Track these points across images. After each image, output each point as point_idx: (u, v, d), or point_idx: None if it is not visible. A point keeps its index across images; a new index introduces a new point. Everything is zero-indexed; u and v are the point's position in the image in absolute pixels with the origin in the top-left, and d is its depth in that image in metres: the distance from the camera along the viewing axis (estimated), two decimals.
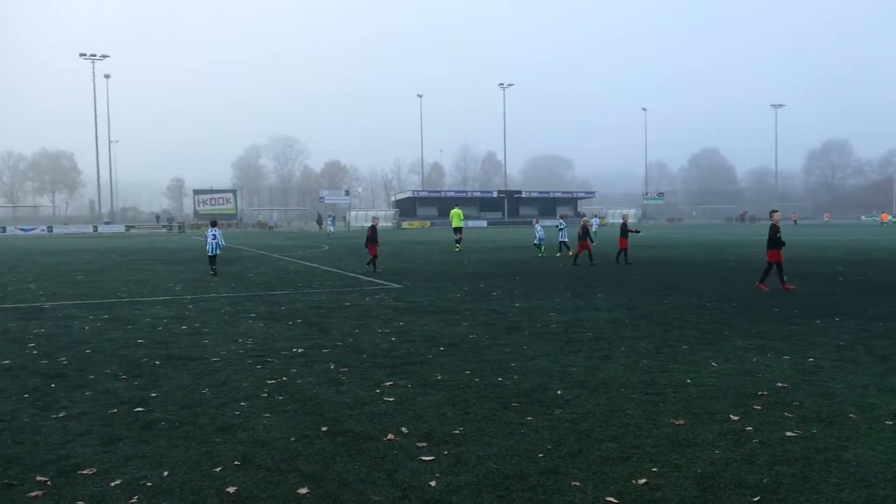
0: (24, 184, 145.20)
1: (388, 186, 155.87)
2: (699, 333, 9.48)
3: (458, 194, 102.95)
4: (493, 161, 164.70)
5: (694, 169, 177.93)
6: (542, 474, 4.43)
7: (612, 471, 4.48)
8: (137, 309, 12.47)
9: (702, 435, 5.17)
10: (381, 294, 14.46)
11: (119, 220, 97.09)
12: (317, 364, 7.77)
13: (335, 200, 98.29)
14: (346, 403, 6.14)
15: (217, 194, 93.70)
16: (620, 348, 8.51)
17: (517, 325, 10.28)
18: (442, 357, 8.09)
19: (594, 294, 14.06)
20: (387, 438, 5.15)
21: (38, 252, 33.95)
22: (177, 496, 4.14)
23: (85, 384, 6.91)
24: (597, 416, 5.69)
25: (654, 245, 34.12)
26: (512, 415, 5.74)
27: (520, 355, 8.15)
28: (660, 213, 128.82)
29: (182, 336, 9.64)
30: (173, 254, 30.71)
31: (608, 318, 10.87)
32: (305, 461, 4.71)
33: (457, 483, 4.30)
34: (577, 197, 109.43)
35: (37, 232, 77.43)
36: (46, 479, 4.41)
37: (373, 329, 10.08)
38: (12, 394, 6.56)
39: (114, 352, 8.57)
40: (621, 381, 6.87)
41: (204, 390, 6.64)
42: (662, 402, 6.09)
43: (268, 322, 10.81)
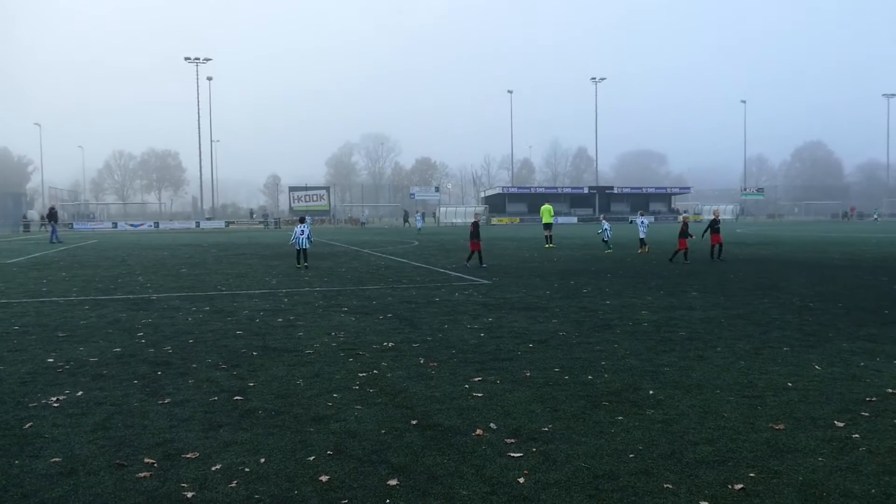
0: (133, 182, 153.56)
1: (477, 183, 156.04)
2: (801, 335, 9.07)
3: (548, 190, 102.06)
4: (583, 157, 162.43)
5: (797, 163, 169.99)
6: (633, 475, 4.35)
7: (707, 474, 4.34)
8: (236, 301, 12.98)
9: (803, 441, 4.94)
10: (471, 290, 14.51)
11: (219, 217, 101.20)
12: (407, 358, 7.88)
13: (425, 197, 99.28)
14: (435, 398, 6.20)
15: (311, 191, 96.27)
16: (716, 348, 8.24)
17: (608, 323, 10.11)
18: (531, 354, 8.04)
19: (688, 292, 13.66)
20: (475, 434, 5.17)
21: (145, 246, 35.82)
22: (273, 482, 4.29)
23: (188, 372, 7.25)
24: (691, 417, 5.53)
25: (753, 243, 32.83)
26: (602, 414, 5.65)
27: (610, 353, 8.02)
28: (759, 209, 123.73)
29: (278, 328, 9.97)
30: (269, 248, 31.77)
31: (703, 318, 10.54)
32: (395, 453, 4.78)
33: (545, 481, 4.27)
34: (671, 193, 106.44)
35: (144, 227, 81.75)
36: (153, 461, 4.66)
37: (462, 324, 10.13)
38: (123, 380, 6.96)
39: (214, 342, 8.95)
40: (717, 382, 6.65)
41: (298, 381, 6.84)
42: (761, 405, 5.86)
43: (359, 316, 11.04)
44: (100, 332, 9.68)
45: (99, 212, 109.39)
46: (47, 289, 15.42)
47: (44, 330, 9.93)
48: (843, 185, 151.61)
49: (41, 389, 6.58)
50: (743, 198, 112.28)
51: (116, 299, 13.49)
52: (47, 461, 4.66)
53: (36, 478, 4.38)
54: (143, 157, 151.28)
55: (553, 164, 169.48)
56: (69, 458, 4.73)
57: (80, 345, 8.80)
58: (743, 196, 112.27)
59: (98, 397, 6.29)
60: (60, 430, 5.34)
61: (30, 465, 4.60)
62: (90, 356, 8.09)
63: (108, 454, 4.79)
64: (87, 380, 6.95)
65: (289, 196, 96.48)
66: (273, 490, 4.17)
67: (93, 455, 4.77)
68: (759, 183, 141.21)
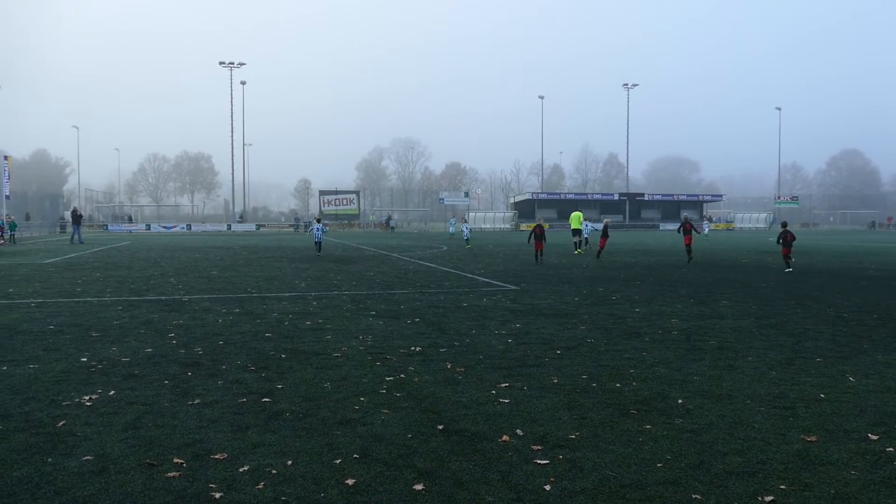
0: (167, 184, 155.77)
1: (506, 188, 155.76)
2: (835, 346, 8.90)
3: (578, 196, 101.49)
4: (614, 163, 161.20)
5: (833, 171, 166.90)
6: (661, 485, 4.30)
7: (737, 485, 4.28)
8: (266, 304, 13.09)
9: (836, 454, 4.84)
10: (499, 295, 14.48)
11: (250, 219, 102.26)
12: (434, 363, 7.88)
13: (455, 202, 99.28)
14: (461, 403, 6.19)
15: (341, 195, 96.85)
16: (747, 358, 8.12)
17: (636, 331, 10.02)
18: (559, 360, 8.00)
19: (719, 301, 13.49)
20: (502, 440, 5.15)
21: (177, 248, 36.31)
22: (299, 485, 4.31)
23: (217, 374, 7.33)
24: (720, 427, 5.45)
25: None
26: (630, 422, 5.60)
27: (639, 361, 7.94)
28: (794, 218, 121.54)
29: (306, 331, 10.03)
30: (299, 252, 32.02)
31: (734, 327, 10.39)
32: (421, 458, 4.78)
33: (571, 489, 4.24)
34: (703, 200, 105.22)
35: (177, 229, 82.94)
36: (182, 461, 4.71)
37: (489, 330, 10.11)
38: (153, 380, 7.05)
39: (244, 344, 9.04)
40: (747, 392, 6.55)
41: (326, 384, 6.88)
42: (792, 416, 5.76)
43: (387, 320, 11.07)
44: (132, 333, 9.83)
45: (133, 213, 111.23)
46: (82, 289, 15.71)
47: (78, 329, 10.11)
48: (879, 195, 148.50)
49: (74, 388, 6.69)
50: (777, 206, 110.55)
51: (149, 300, 13.69)
52: (79, 459, 4.74)
53: (68, 475, 4.45)
54: (176, 160, 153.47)
55: (583, 170, 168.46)
56: (100, 456, 4.80)
57: (112, 345, 8.94)
58: (777, 204, 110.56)
59: (129, 397, 6.38)
60: (92, 428, 5.43)
61: (62, 462, 4.68)
62: (122, 356, 8.21)
63: (138, 453, 4.85)
64: (119, 379, 7.06)
65: (319, 200, 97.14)
66: (300, 492, 4.19)
67: (123, 454, 4.84)
68: (794, 191, 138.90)
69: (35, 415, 5.81)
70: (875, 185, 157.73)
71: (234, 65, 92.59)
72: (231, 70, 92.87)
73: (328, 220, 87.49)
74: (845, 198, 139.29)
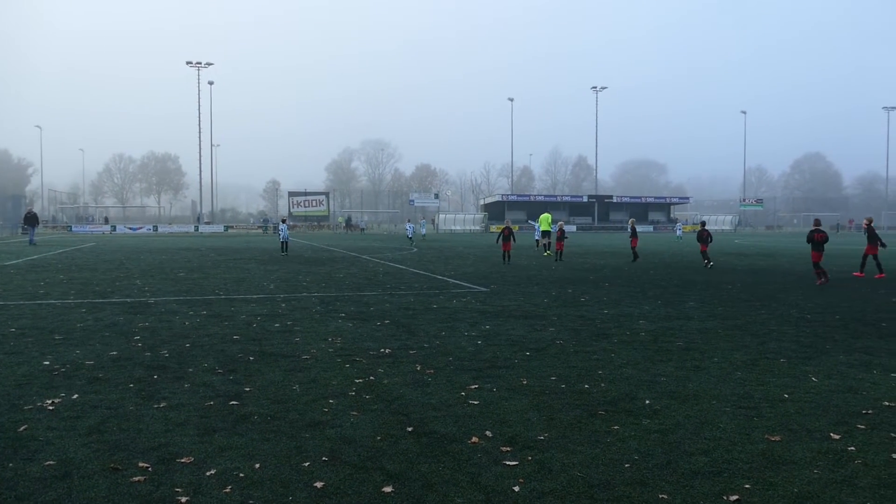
0: (133, 185, 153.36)
1: (476, 190, 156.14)
2: (798, 346, 9.07)
3: (548, 198, 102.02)
4: (583, 165, 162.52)
5: (796, 174, 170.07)
6: (629, 485, 4.34)
7: (702, 485, 4.34)
8: (234, 306, 12.96)
9: (799, 453, 4.94)
10: (468, 297, 14.51)
11: (218, 221, 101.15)
12: (403, 365, 7.87)
13: (424, 203, 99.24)
14: (431, 405, 6.19)
15: (311, 196, 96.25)
16: (713, 359, 8.24)
17: (605, 332, 10.11)
18: (528, 362, 8.04)
19: (686, 302, 13.66)
20: (471, 441, 5.16)
21: (144, 250, 35.79)
22: (267, 488, 4.28)
23: (184, 377, 7.24)
24: (687, 427, 5.53)
25: (751, 254, 32.87)
26: (598, 423, 5.65)
27: (607, 363, 8.01)
28: (759, 220, 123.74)
29: (275, 333, 9.95)
30: (267, 253, 31.76)
31: (700, 328, 10.54)
32: (390, 460, 4.77)
33: (540, 489, 4.27)
34: (671, 202, 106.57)
35: (143, 231, 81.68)
36: (148, 465, 4.64)
37: (459, 332, 10.12)
38: (119, 383, 6.94)
39: (211, 346, 8.94)
40: (713, 392, 6.65)
41: (294, 387, 6.83)
42: (757, 416, 5.86)
43: (357, 322, 11.03)
44: (96, 336, 9.67)
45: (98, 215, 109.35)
46: (45, 291, 15.40)
47: (40, 332, 9.91)
48: (842, 197, 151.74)
49: (37, 392, 6.56)
50: (742, 209, 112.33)
51: (114, 303, 13.47)
52: (41, 464, 4.65)
53: (30, 481, 4.36)
54: (142, 161, 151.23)
55: (553, 172, 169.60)
56: (63, 461, 4.71)
57: (76, 348, 8.78)
58: (742, 207, 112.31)
59: (93, 401, 6.27)
60: (55, 433, 5.33)
61: (24, 467, 4.59)
62: (86, 359, 8.07)
63: (102, 458, 4.77)
64: (83, 383, 6.93)
65: (288, 201, 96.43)
66: (267, 496, 4.16)
67: (87, 459, 4.76)
68: (759, 194, 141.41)
69: None
70: (837, 187, 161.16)
71: (201, 65, 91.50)
72: (199, 70, 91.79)
73: (298, 221, 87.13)
74: (808, 200, 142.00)
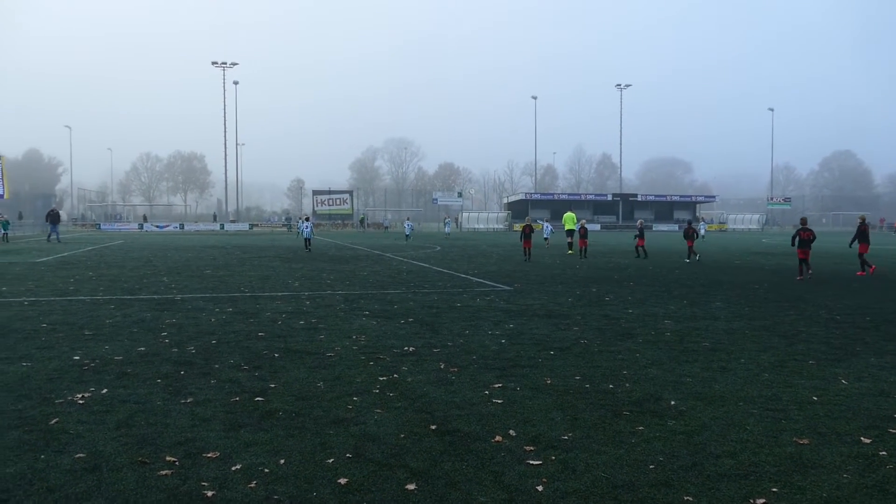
0: (159, 183, 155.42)
1: (500, 189, 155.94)
2: (828, 348, 8.94)
3: (572, 197, 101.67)
4: (608, 164, 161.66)
5: (825, 173, 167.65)
6: (653, 486, 4.31)
7: (728, 488, 4.29)
8: (259, 303, 13.07)
9: (828, 457, 4.87)
10: (492, 296, 14.50)
11: (243, 219, 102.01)
12: (427, 363, 7.88)
13: (448, 202, 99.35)
14: (454, 403, 6.20)
15: (335, 195, 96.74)
16: (740, 360, 8.15)
17: (630, 332, 10.04)
18: (552, 361, 8.01)
19: (712, 302, 13.53)
20: (494, 440, 5.16)
21: (170, 248, 36.21)
22: (292, 483, 4.31)
23: (210, 373, 7.32)
24: (713, 429, 5.47)
25: (778, 253, 32.44)
26: (623, 423, 5.62)
27: (632, 363, 7.96)
28: (786, 219, 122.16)
29: (299, 330, 10.02)
30: (292, 251, 31.96)
31: (727, 329, 10.43)
32: (414, 458, 4.78)
33: (564, 489, 4.25)
34: (696, 201, 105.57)
35: (170, 229, 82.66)
36: (175, 459, 4.70)
37: (483, 330, 10.12)
38: (146, 378, 7.04)
39: (237, 343, 9.02)
40: (740, 394, 6.57)
41: (319, 383, 6.87)
42: (785, 419, 5.78)
43: (381, 320, 11.07)
44: (125, 332, 9.81)
45: (126, 213, 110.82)
46: (74, 287, 15.65)
47: (71, 328, 10.07)
48: (872, 196, 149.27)
49: (67, 386, 6.67)
50: (769, 207, 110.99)
51: (142, 299, 13.64)
52: (72, 457, 4.73)
53: (60, 473, 4.44)
54: (169, 160, 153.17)
55: (577, 170, 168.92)
56: (93, 454, 4.79)
57: (105, 343, 8.91)
58: (769, 206, 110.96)
59: (122, 395, 6.37)
60: (85, 426, 5.42)
61: (55, 460, 4.67)
62: (115, 355, 8.19)
63: (130, 451, 4.84)
64: (112, 378, 7.04)
65: (312, 200, 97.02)
66: (292, 491, 4.19)
67: (116, 452, 4.83)
68: (786, 192, 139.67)
69: (28, 412, 5.79)
70: (867, 186, 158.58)
71: (226, 65, 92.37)
72: (224, 70, 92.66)
73: (322, 219, 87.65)
74: (838, 199, 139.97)
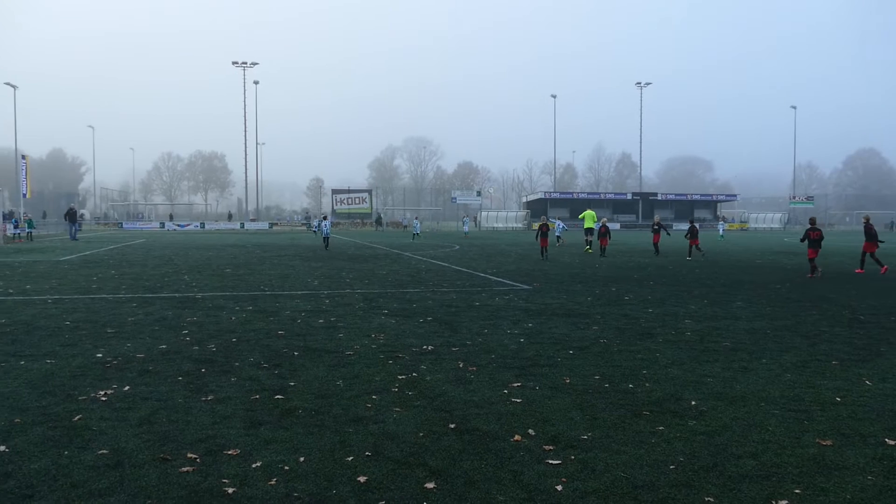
0: (180, 183, 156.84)
1: (519, 188, 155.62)
2: (851, 349, 8.83)
3: (591, 196, 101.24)
4: (627, 162, 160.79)
5: (849, 171, 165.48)
6: (674, 487, 4.28)
7: (750, 489, 4.25)
8: (278, 302, 13.14)
9: (852, 458, 4.80)
10: (511, 295, 14.47)
11: (263, 218, 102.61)
12: (446, 362, 7.88)
13: (467, 201, 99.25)
14: (473, 402, 6.19)
15: (354, 194, 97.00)
16: (761, 360, 8.07)
17: (650, 332, 9.98)
18: (571, 360, 7.98)
19: (733, 302, 13.41)
20: (514, 439, 5.15)
21: (191, 246, 36.51)
22: (311, 481, 4.33)
23: (231, 370, 7.37)
24: (734, 430, 5.43)
25: (801, 252, 32.09)
26: (643, 423, 5.58)
27: (652, 362, 7.91)
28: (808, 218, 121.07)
29: (319, 329, 10.06)
30: (311, 250, 32.12)
31: (748, 328, 10.33)
32: (433, 456, 4.79)
33: (583, 489, 4.24)
34: (717, 200, 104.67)
35: (191, 228, 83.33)
36: (196, 456, 4.74)
37: (502, 329, 10.10)
38: (168, 376, 7.10)
39: (257, 341, 9.08)
40: (762, 395, 6.51)
41: (338, 382, 6.90)
42: (808, 419, 5.72)
43: (399, 319, 11.08)
44: (147, 329, 9.90)
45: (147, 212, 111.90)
46: (97, 286, 15.83)
47: (94, 326, 10.19)
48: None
49: (90, 383, 6.75)
50: (791, 206, 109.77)
51: (163, 297, 13.77)
52: (95, 453, 4.78)
53: (84, 469, 4.49)
54: (190, 159, 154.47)
55: (596, 169, 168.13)
56: (116, 450, 4.84)
57: (127, 341, 9.01)
58: (791, 204, 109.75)
59: (144, 392, 6.43)
60: (108, 423, 5.48)
61: (78, 456, 4.73)
62: (137, 352, 8.27)
63: (152, 448, 4.89)
64: (134, 375, 7.11)
65: (331, 199, 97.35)
66: (311, 489, 4.21)
67: (138, 448, 4.88)
68: (809, 191, 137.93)
69: (52, 409, 5.87)
70: (892, 185, 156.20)
71: (246, 64, 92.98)
72: (244, 70, 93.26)
73: (341, 218, 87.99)
74: (862, 198, 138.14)
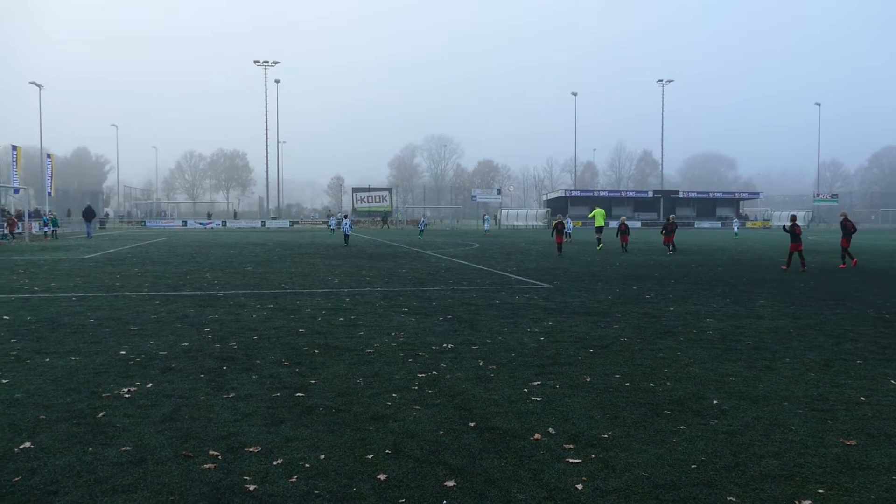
0: (203, 181, 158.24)
1: (539, 186, 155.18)
2: (877, 348, 8.71)
3: (612, 194, 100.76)
4: (648, 160, 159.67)
5: (874, 168, 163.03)
6: (695, 486, 4.25)
7: (773, 488, 4.21)
8: (299, 300, 13.21)
9: (877, 458, 4.74)
10: (531, 293, 14.43)
11: (284, 216, 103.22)
12: (466, 360, 7.88)
13: (487, 199, 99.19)
14: (493, 400, 6.19)
15: (374, 192, 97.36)
16: (784, 359, 7.99)
17: (671, 330, 9.91)
18: (591, 359, 7.95)
19: (756, 301, 13.28)
20: (534, 438, 5.14)
21: (213, 244, 36.80)
22: (332, 479, 4.35)
23: (252, 368, 7.42)
24: (756, 429, 5.37)
25: (825, 251, 31.71)
26: (664, 422, 5.55)
27: (673, 361, 7.86)
28: (833, 216, 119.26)
29: (339, 327, 10.10)
30: (332, 248, 32.24)
31: (771, 327, 10.23)
32: (453, 455, 4.79)
33: (604, 488, 4.22)
34: (740, 198, 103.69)
35: (212, 226, 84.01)
36: (218, 453, 4.78)
37: (522, 328, 10.08)
38: (190, 374, 7.17)
39: (278, 339, 9.13)
40: (785, 394, 6.44)
41: (358, 380, 6.92)
42: (832, 419, 5.65)
43: (419, 317, 11.10)
44: (169, 327, 10.00)
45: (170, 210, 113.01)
46: (120, 284, 16.01)
47: (117, 323, 10.31)
48: None
49: (114, 380, 6.83)
50: (816, 204, 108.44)
51: (185, 295, 13.90)
52: (118, 449, 4.84)
53: (108, 465, 4.55)
54: (212, 158, 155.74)
55: (617, 167, 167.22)
56: (139, 447, 4.90)
57: (150, 338, 9.10)
58: (815, 202, 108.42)
59: (166, 390, 6.50)
60: (131, 420, 5.54)
61: (102, 452, 4.79)
62: (160, 350, 8.36)
63: (175, 445, 4.94)
64: (157, 372, 7.18)
65: (352, 197, 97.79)
66: (332, 486, 4.23)
67: (161, 445, 4.93)
68: (833, 189, 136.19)
69: (76, 405, 5.95)
70: None
71: (268, 63, 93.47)
72: (265, 69, 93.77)
73: (361, 216, 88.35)
74: (888, 195, 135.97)
